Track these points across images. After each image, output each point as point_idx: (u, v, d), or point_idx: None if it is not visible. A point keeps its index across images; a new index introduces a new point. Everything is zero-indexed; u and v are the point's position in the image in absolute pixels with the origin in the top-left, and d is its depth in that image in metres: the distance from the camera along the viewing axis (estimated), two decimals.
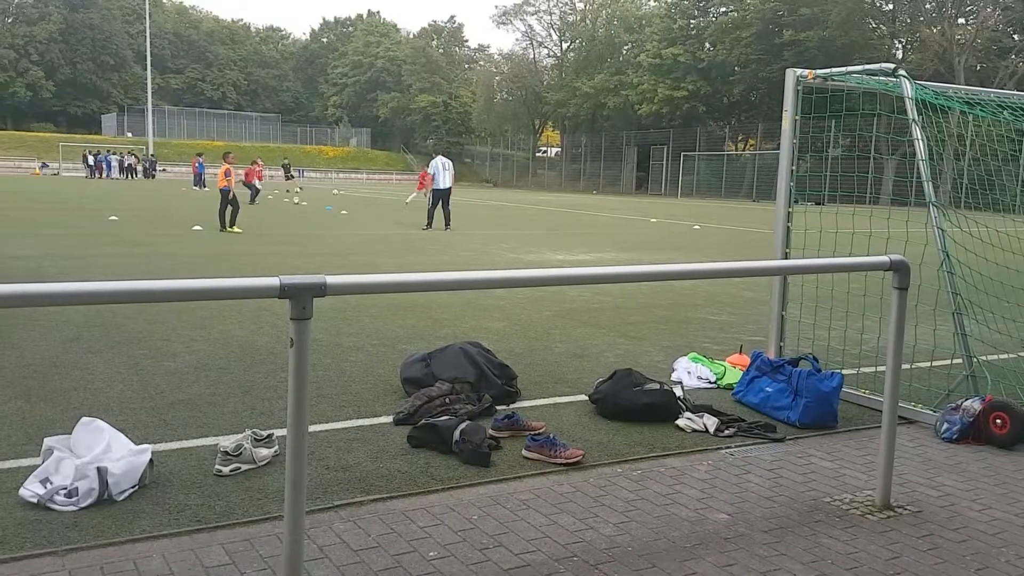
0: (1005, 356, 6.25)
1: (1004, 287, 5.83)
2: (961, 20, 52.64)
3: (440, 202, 20.56)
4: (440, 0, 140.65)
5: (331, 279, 2.52)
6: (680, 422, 4.83)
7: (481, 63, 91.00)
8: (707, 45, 62.27)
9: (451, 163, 21.28)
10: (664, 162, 62.27)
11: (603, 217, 30.05)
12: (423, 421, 4.45)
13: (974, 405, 4.79)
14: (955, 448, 4.66)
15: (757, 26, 56.75)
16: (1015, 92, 6.13)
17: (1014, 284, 6.22)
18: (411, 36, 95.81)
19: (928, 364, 5.69)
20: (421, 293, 9.13)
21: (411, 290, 3.03)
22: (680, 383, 5.54)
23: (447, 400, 4.82)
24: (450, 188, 20.76)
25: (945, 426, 4.82)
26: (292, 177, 45.21)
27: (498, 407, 4.99)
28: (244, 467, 3.89)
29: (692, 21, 64.20)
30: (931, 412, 5.06)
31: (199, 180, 44.18)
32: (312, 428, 4.41)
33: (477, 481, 3.91)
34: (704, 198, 55.40)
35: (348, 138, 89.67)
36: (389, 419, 4.75)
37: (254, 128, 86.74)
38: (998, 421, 4.69)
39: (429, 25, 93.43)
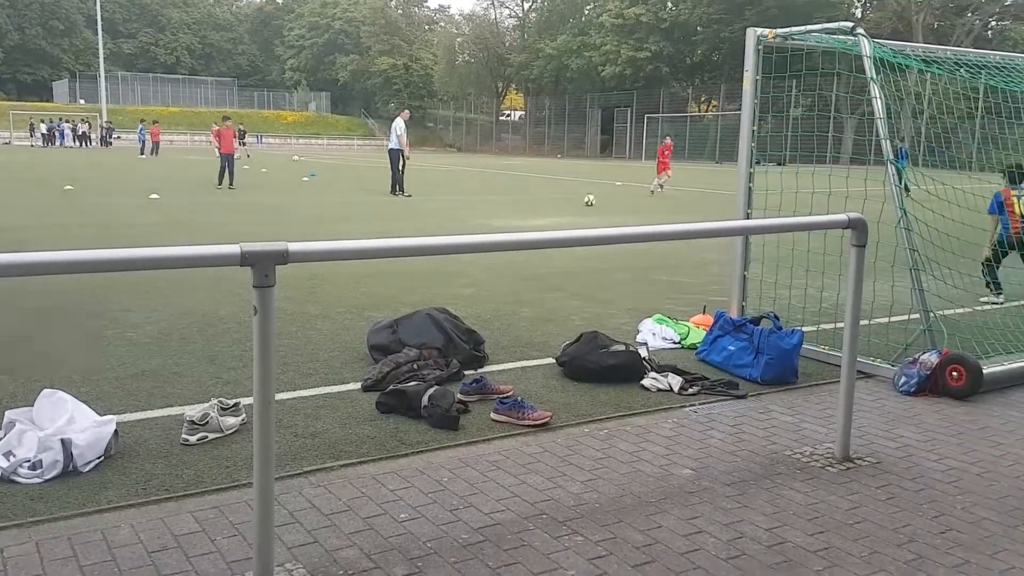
0: (961, 310, 6.40)
1: (960, 243, 5.95)
2: None
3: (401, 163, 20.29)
4: None
5: (293, 246, 2.50)
6: (645, 382, 4.89)
7: (441, 24, 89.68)
8: (669, 4, 61.85)
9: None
10: (628, 124, 62.06)
11: (568, 181, 30.03)
12: (391, 387, 4.45)
13: (931, 358, 4.91)
14: (913, 400, 4.78)
15: None
16: (971, 50, 6.20)
17: (970, 240, 6.35)
18: None
19: (886, 319, 5.80)
20: (386, 261, 9.08)
21: (375, 256, 3.01)
22: (645, 344, 5.60)
23: (415, 366, 4.83)
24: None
25: (903, 379, 4.94)
26: (244, 144, 44.84)
27: (466, 372, 5.00)
28: (211, 436, 3.88)
29: None
30: (889, 366, 5.17)
31: (154, 148, 43.26)
32: (279, 396, 4.40)
33: (446, 444, 3.94)
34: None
35: (307, 102, 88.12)
36: (357, 386, 4.75)
37: (209, 93, 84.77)
38: (954, 373, 4.81)
39: None
